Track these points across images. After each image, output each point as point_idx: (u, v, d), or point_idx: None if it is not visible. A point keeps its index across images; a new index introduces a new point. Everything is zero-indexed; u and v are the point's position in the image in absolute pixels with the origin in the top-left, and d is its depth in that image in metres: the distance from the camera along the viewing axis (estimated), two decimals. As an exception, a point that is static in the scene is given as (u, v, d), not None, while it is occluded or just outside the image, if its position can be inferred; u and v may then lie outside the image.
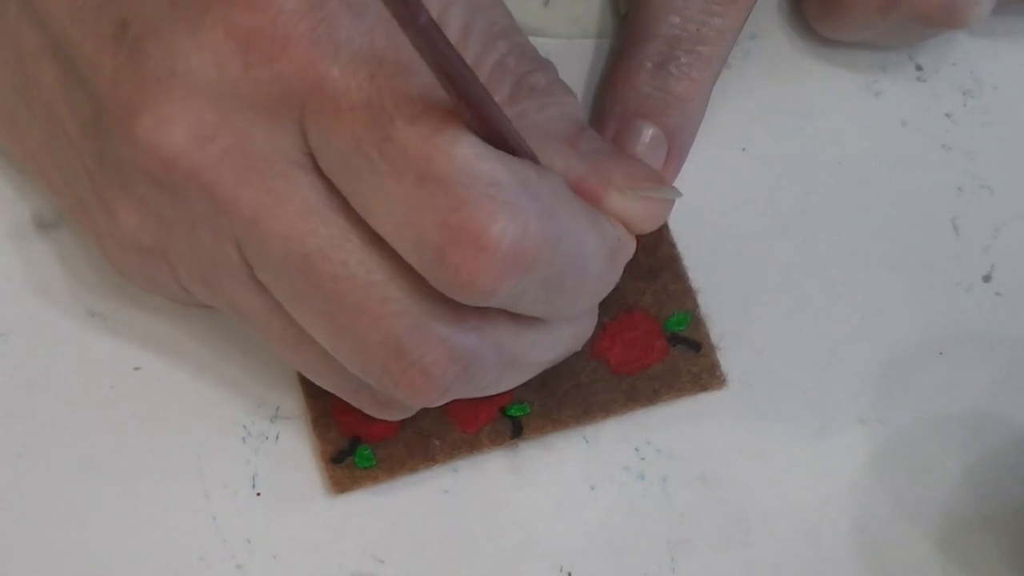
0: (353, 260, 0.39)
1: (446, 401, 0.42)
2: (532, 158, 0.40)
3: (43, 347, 0.48)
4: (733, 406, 0.49)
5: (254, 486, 0.48)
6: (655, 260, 0.49)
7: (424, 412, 0.47)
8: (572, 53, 0.52)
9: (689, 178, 0.50)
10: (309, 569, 0.47)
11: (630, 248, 0.44)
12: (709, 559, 0.48)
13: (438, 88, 0.37)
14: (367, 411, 0.45)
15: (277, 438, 0.48)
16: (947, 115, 0.52)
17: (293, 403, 0.48)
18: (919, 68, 0.52)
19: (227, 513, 0.47)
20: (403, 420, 0.47)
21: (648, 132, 0.48)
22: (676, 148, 0.49)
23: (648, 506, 0.48)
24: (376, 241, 0.39)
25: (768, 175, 0.51)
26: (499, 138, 0.39)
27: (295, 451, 0.48)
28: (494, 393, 0.45)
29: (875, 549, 0.48)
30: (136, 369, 0.48)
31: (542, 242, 0.39)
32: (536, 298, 0.41)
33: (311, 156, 0.39)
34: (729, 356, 0.49)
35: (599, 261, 0.42)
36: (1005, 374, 0.49)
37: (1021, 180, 0.51)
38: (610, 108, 0.49)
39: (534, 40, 0.46)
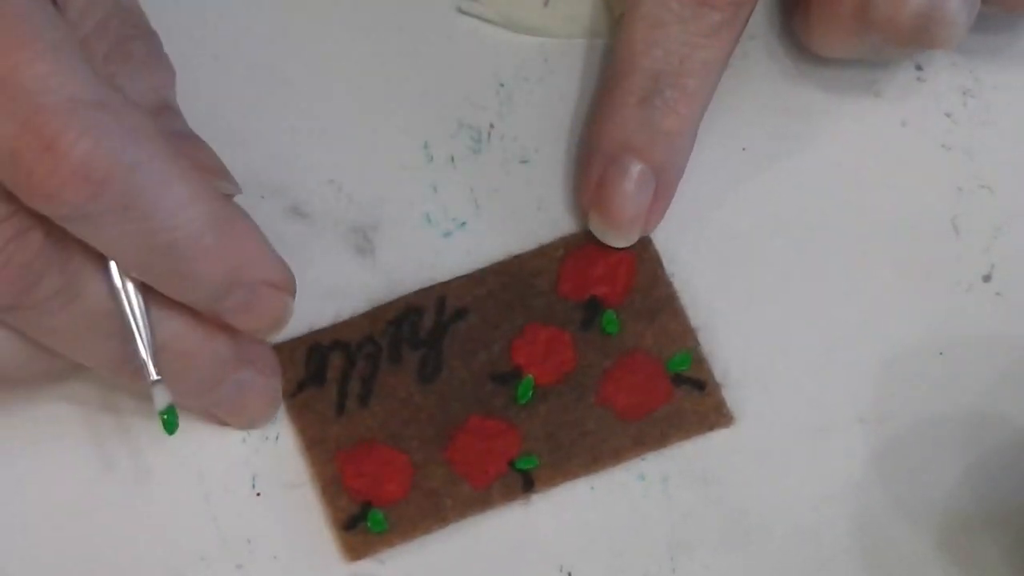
0: None
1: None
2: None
3: (43, 347, 0.48)
4: (733, 406, 0.49)
5: (254, 486, 0.48)
6: (652, 301, 0.49)
7: (433, 470, 0.47)
8: (571, 53, 0.52)
9: (689, 178, 0.50)
10: (309, 569, 0.47)
11: (238, 225, 0.43)
12: (709, 559, 0.48)
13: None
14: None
15: (277, 438, 0.48)
16: (947, 115, 0.52)
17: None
18: (919, 68, 0.52)
19: (227, 513, 0.47)
20: (413, 481, 0.47)
21: (635, 168, 0.48)
22: (663, 184, 0.48)
23: (648, 506, 0.48)
24: None
25: (768, 175, 0.51)
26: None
27: (295, 451, 0.48)
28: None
29: (875, 549, 0.48)
30: (136, 369, 0.48)
31: (115, 162, 0.39)
32: (121, 234, 0.40)
33: None
34: (730, 356, 0.49)
35: (196, 221, 0.41)
36: (1005, 374, 0.49)
37: (1021, 180, 0.51)
38: (596, 143, 0.49)
39: (533, 40, 0.45)
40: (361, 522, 0.47)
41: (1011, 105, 0.52)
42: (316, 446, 0.47)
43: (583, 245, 0.49)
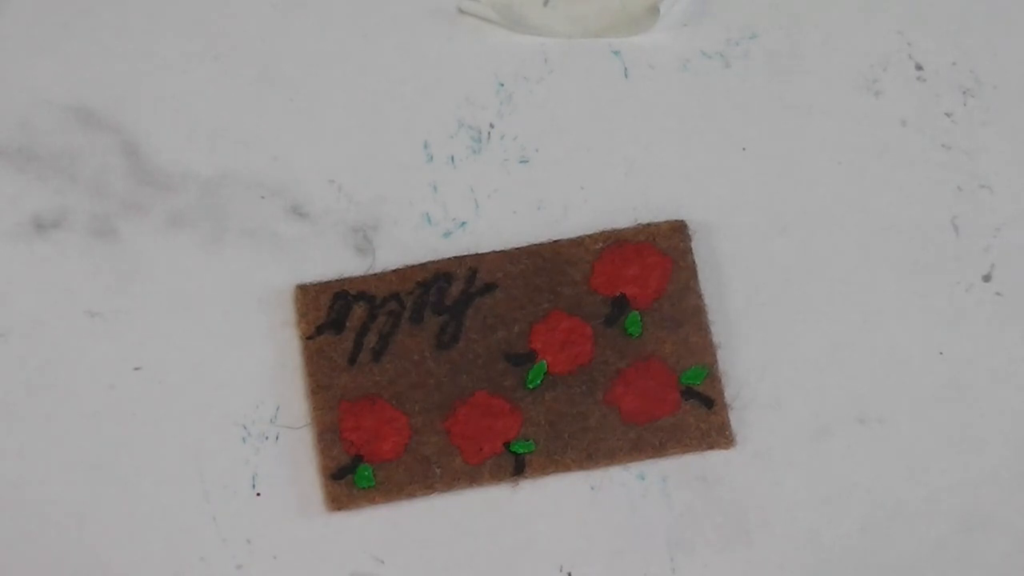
0: None
1: None
2: None
3: (43, 347, 0.48)
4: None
5: (254, 486, 0.48)
6: (679, 311, 0.49)
7: (429, 437, 0.47)
8: (571, 53, 0.52)
9: (688, 177, 0.50)
10: (309, 569, 0.47)
11: None
12: (709, 559, 0.48)
13: None
14: None
15: (277, 439, 0.48)
16: (947, 115, 0.52)
17: (293, 405, 0.48)
18: (919, 68, 0.52)
19: (227, 513, 0.47)
20: (408, 444, 0.47)
21: None
22: None
23: (648, 506, 0.48)
24: None
25: (768, 175, 0.51)
26: None
27: (295, 452, 0.48)
28: None
29: (874, 549, 0.48)
30: (136, 369, 0.48)
31: None
32: None
33: None
34: (731, 357, 0.49)
35: None
36: (1005, 374, 0.49)
37: (1021, 180, 0.51)
38: None
39: (533, 40, 0.45)
40: (349, 474, 0.47)
41: (1011, 105, 0.52)
42: (322, 391, 0.47)
43: (622, 242, 0.49)
